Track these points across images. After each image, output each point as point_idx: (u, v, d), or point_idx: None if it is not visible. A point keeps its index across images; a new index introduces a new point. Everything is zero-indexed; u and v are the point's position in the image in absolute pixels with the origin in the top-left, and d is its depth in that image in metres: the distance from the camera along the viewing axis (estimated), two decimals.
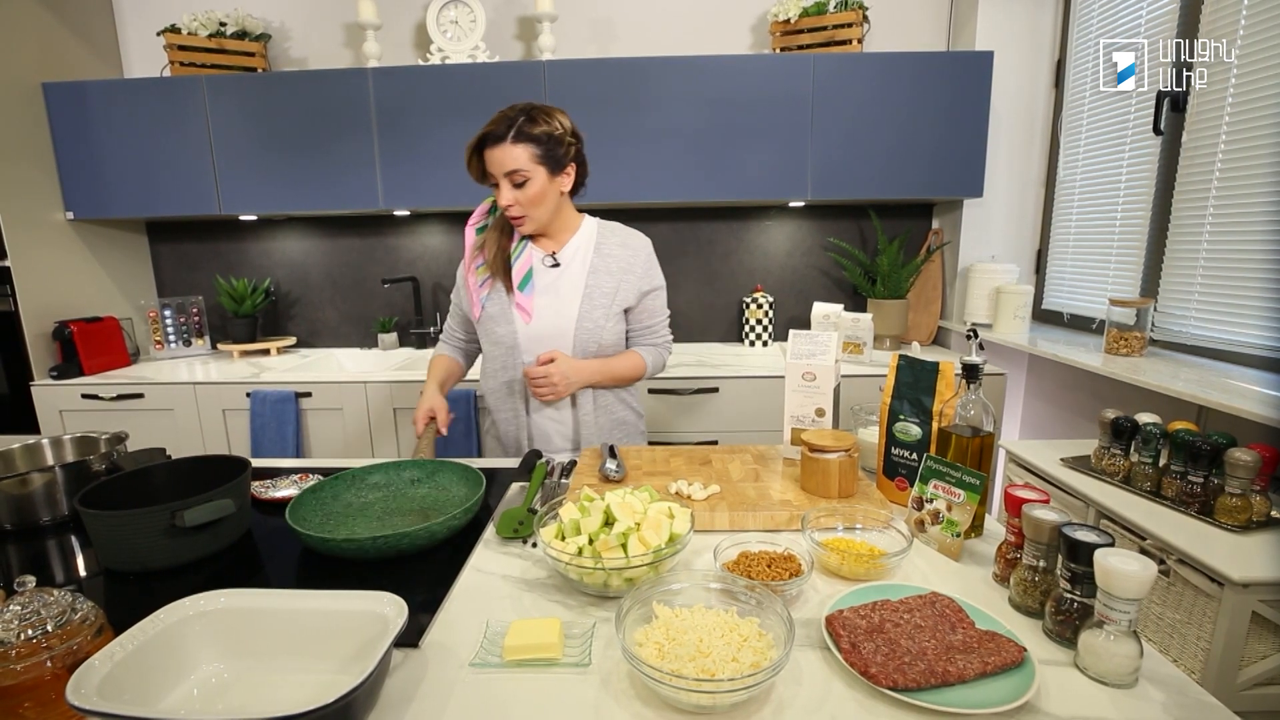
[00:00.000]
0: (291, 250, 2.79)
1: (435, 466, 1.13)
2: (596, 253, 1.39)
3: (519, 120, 1.25)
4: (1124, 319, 1.81)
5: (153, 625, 0.64)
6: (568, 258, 1.39)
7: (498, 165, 1.25)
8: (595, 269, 1.38)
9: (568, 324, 1.36)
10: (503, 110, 1.27)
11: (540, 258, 1.39)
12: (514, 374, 1.40)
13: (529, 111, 1.26)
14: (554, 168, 1.29)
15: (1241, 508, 1.17)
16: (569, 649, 0.71)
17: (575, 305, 1.36)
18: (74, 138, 2.37)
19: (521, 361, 1.39)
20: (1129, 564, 0.62)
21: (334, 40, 2.64)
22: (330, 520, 1.00)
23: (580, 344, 1.36)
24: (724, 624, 0.68)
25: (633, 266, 1.39)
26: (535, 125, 1.25)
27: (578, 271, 1.38)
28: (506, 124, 1.24)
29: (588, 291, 1.36)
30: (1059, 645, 0.70)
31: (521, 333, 1.37)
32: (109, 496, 0.95)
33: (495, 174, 1.27)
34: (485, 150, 1.26)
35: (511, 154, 1.24)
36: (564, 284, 1.38)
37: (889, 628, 0.70)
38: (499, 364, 1.41)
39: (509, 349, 1.38)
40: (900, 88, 2.25)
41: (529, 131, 1.25)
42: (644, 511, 0.85)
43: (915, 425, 1.03)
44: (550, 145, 1.27)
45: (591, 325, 1.36)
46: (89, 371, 2.33)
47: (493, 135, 1.24)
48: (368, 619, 0.67)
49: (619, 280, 1.38)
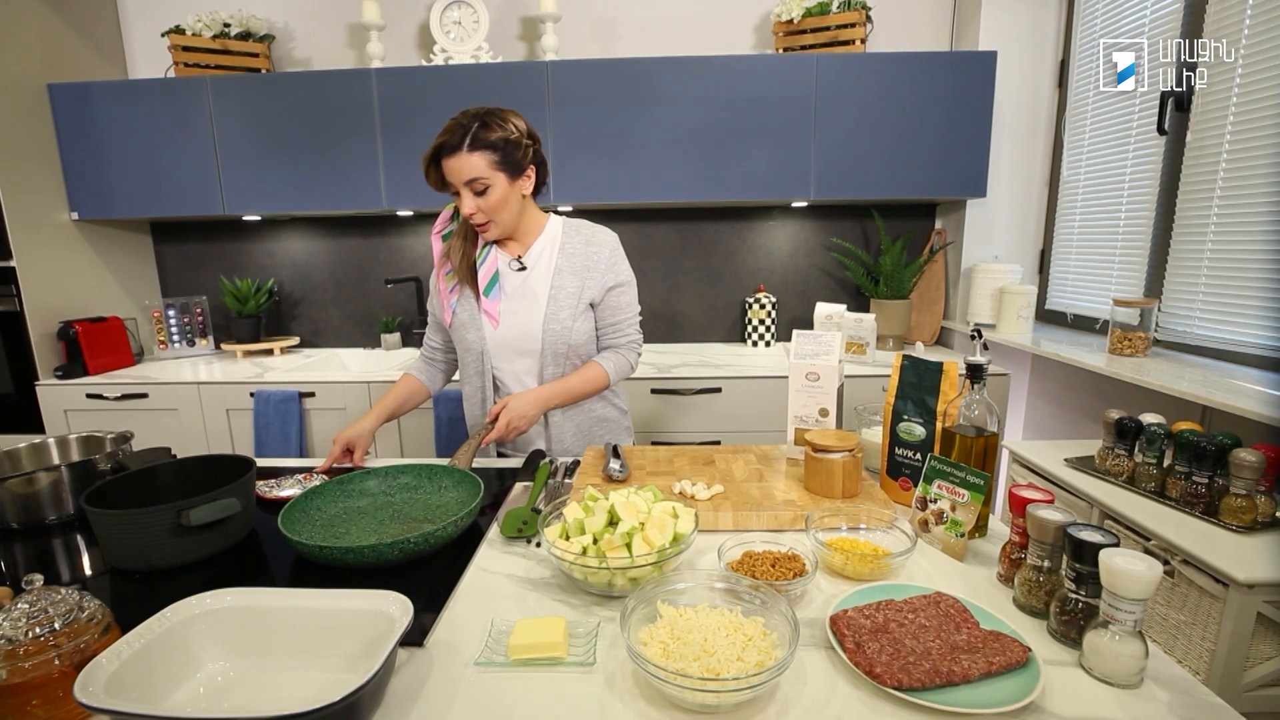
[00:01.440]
0: (295, 250, 2.79)
1: (433, 470, 1.12)
2: (561, 252, 1.37)
3: (473, 127, 1.22)
4: (1128, 319, 1.80)
5: (159, 624, 0.65)
6: (533, 260, 1.37)
7: (456, 175, 1.23)
8: (559, 269, 1.36)
9: (534, 327, 1.34)
10: (455, 118, 1.24)
11: (506, 261, 1.37)
12: (486, 381, 1.39)
13: (482, 117, 1.23)
14: (513, 172, 1.27)
15: (1246, 508, 1.17)
16: (574, 648, 0.71)
17: (541, 309, 1.34)
18: (79, 138, 2.37)
19: (492, 368, 1.39)
20: (1135, 564, 0.62)
21: (338, 41, 2.65)
22: (333, 523, 1.00)
23: (549, 346, 1.35)
24: (728, 623, 0.68)
25: (595, 263, 1.37)
26: (490, 131, 1.23)
27: (543, 273, 1.36)
28: (461, 132, 1.22)
29: (552, 292, 1.34)
30: (1064, 645, 0.70)
31: (490, 338, 1.36)
32: (115, 495, 0.96)
33: (455, 183, 1.25)
34: (442, 160, 1.23)
35: (469, 162, 1.22)
36: (530, 287, 1.36)
37: (893, 627, 0.70)
38: (471, 370, 1.40)
39: (479, 355, 1.38)
40: (903, 88, 2.25)
41: (485, 138, 1.22)
42: (648, 511, 0.85)
43: (919, 425, 1.03)
44: (508, 150, 1.25)
45: (558, 327, 1.34)
46: (93, 371, 2.34)
47: (448, 145, 1.22)
48: (373, 618, 0.67)
49: (583, 278, 1.36)
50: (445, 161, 1.23)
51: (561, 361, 1.37)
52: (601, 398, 1.47)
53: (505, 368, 1.39)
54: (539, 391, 1.33)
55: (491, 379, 1.40)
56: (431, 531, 0.89)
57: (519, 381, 1.40)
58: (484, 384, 1.40)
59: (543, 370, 1.38)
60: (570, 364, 1.39)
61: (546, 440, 1.43)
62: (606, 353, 1.43)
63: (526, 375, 1.39)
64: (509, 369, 1.39)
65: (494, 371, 1.40)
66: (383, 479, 1.11)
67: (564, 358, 1.37)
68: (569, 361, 1.38)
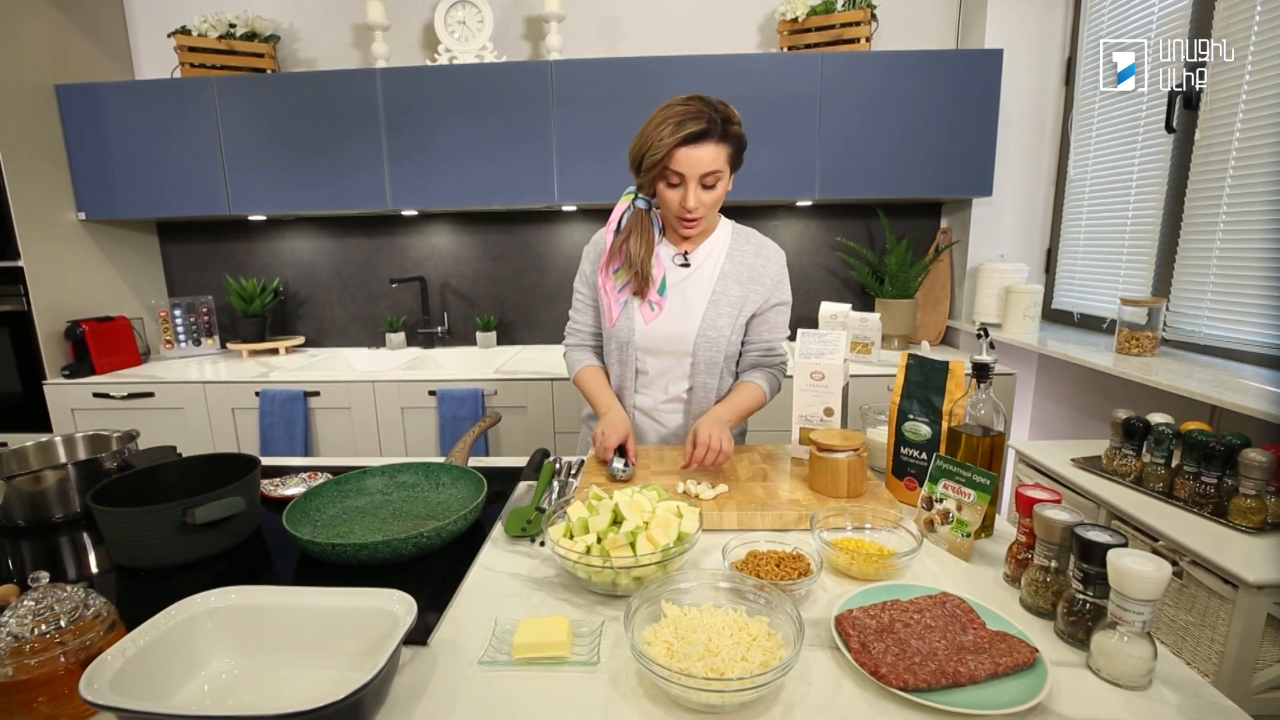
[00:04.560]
0: (300, 250, 2.80)
1: (431, 468, 1.12)
2: (729, 258, 1.30)
3: (719, 117, 1.13)
4: (1136, 318, 1.79)
5: (164, 621, 0.65)
6: (699, 259, 1.30)
7: (697, 164, 1.13)
8: (725, 274, 1.29)
9: (688, 328, 1.28)
10: (691, 102, 1.13)
11: (670, 255, 1.31)
12: (627, 370, 1.33)
13: (721, 107, 1.14)
14: (735, 168, 1.21)
15: (1256, 509, 1.15)
16: (578, 647, 0.71)
17: (700, 311, 1.28)
18: (86, 139, 2.39)
19: (635, 359, 1.32)
20: (1143, 564, 0.61)
21: (342, 41, 2.65)
22: (334, 523, 1.00)
23: (702, 351, 1.29)
24: (733, 623, 0.68)
25: (762, 276, 1.30)
26: (731, 123, 1.15)
27: (707, 275, 1.30)
28: (714, 119, 1.12)
29: (714, 298, 1.28)
30: (1071, 646, 0.70)
31: (639, 331, 1.30)
32: (121, 494, 0.96)
33: (688, 173, 1.14)
34: (687, 146, 1.12)
35: (715, 153, 1.13)
36: (690, 286, 1.30)
37: (899, 628, 0.69)
38: (615, 356, 1.34)
39: (623, 344, 1.32)
40: (909, 86, 2.24)
41: (730, 130, 1.14)
42: (652, 510, 0.85)
43: (925, 425, 1.03)
44: (740, 145, 1.19)
45: (714, 334, 1.28)
46: (100, 370, 2.35)
47: (704, 132, 1.11)
48: (377, 616, 0.67)
49: (747, 289, 1.29)
50: (691, 149, 1.12)
51: (713, 369, 1.31)
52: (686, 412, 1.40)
53: (651, 362, 1.33)
54: (718, 412, 1.22)
55: (634, 370, 1.34)
56: (443, 525, 0.89)
57: (663, 377, 1.34)
58: (624, 373, 1.34)
59: (693, 375, 1.32)
60: (718, 372, 1.32)
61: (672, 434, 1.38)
62: (757, 372, 1.34)
63: (674, 376, 1.34)
64: (655, 365, 1.34)
65: (637, 364, 1.33)
66: (381, 478, 1.11)
67: (715, 365, 1.31)
68: (718, 369, 1.32)
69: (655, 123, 1.14)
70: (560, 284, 2.76)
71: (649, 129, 1.15)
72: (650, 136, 1.14)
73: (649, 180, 1.20)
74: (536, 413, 2.24)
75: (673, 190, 1.18)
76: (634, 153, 1.20)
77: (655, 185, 1.20)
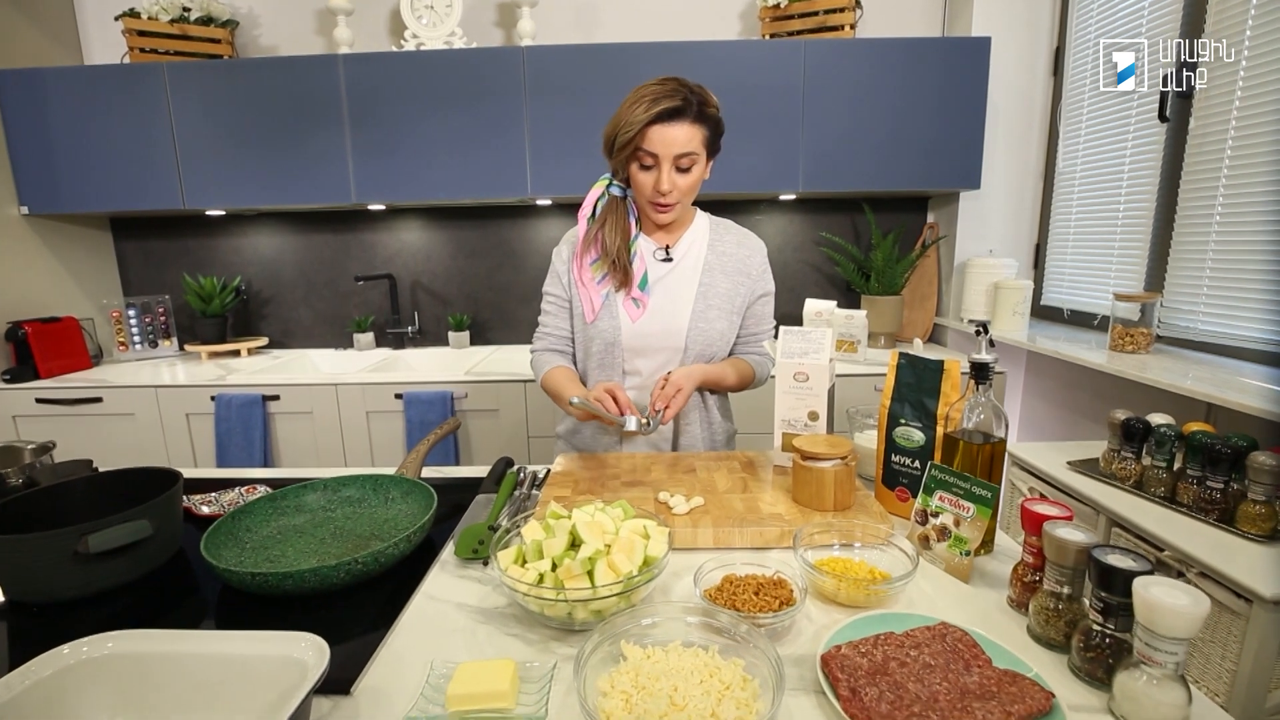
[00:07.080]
0: (263, 247, 2.67)
1: (379, 481, 1.02)
2: (711, 250, 1.26)
3: (695, 97, 1.09)
4: (1129, 314, 1.73)
5: (21, 679, 0.54)
6: (680, 253, 1.26)
7: (670, 144, 1.09)
8: (709, 266, 1.25)
9: (678, 324, 1.23)
10: (667, 81, 1.09)
11: (651, 250, 1.26)
12: (614, 374, 1.25)
13: (697, 90, 1.10)
14: (711, 154, 1.17)
15: (1266, 515, 1.08)
16: (524, 696, 0.61)
17: (689, 305, 1.23)
18: (28, 128, 2.24)
19: (623, 360, 1.25)
20: (1177, 598, 0.52)
21: (305, 27, 2.52)
22: (266, 545, 0.89)
23: (694, 346, 1.23)
24: (703, 667, 0.59)
25: (749, 268, 1.27)
26: (708, 105, 1.11)
27: (690, 268, 1.25)
28: (689, 98, 1.08)
29: (702, 291, 1.23)
30: (1089, 686, 0.61)
31: (626, 330, 1.23)
32: (17, 515, 0.85)
33: (661, 153, 1.09)
34: (660, 124, 1.08)
35: (691, 133, 1.09)
36: (674, 281, 1.24)
37: (894, 667, 0.60)
38: (595, 362, 1.26)
39: (608, 344, 1.23)
40: (894, 75, 2.16)
41: (706, 112, 1.11)
42: (615, 531, 0.75)
43: (918, 430, 0.94)
44: (716, 129, 1.15)
45: (706, 327, 1.22)
46: (45, 375, 2.21)
47: (677, 109, 1.07)
48: (281, 666, 0.57)
49: (735, 281, 1.26)
50: (665, 127, 1.08)
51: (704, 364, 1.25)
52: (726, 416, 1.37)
53: (639, 363, 1.26)
54: (691, 367, 1.20)
55: (620, 372, 1.26)
56: (382, 549, 0.79)
57: (653, 379, 1.26)
58: (609, 377, 1.25)
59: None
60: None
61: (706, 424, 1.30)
62: (747, 354, 1.33)
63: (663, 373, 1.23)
64: (645, 365, 1.26)
65: (624, 365, 1.26)
66: (322, 492, 0.99)
67: (706, 360, 1.25)
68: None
69: (629, 102, 1.11)
70: (536, 281, 2.65)
71: (622, 109, 1.12)
72: (623, 115, 1.11)
73: (622, 162, 1.15)
74: (509, 417, 2.13)
75: (646, 173, 1.14)
76: (607, 135, 1.16)
77: (629, 168, 1.16)
